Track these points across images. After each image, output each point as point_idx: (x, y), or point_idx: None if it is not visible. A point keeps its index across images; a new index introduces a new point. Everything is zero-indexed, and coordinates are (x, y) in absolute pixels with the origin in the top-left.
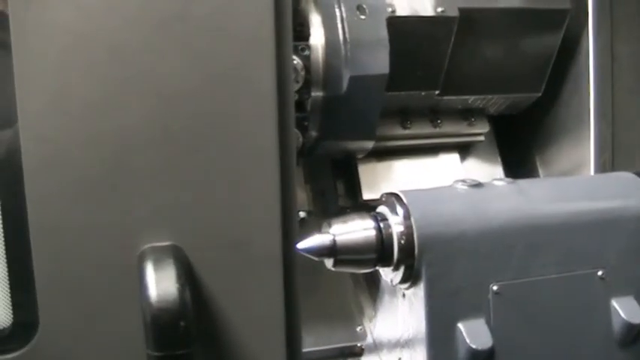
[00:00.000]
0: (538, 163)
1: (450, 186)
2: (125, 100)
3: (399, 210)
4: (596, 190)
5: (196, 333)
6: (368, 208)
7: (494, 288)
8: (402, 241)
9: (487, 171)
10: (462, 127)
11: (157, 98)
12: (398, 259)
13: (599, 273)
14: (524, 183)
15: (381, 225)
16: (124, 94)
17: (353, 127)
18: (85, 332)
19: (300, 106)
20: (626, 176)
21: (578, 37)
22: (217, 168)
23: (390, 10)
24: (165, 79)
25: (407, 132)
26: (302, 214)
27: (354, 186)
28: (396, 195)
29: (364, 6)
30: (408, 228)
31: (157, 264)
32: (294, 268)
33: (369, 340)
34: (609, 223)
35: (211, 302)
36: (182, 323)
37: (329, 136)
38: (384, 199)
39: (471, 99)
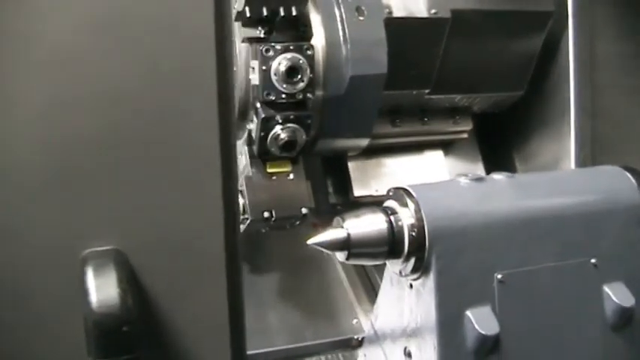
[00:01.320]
0: (516, 160)
1: (453, 180)
2: (68, 102)
3: (410, 204)
4: (588, 183)
5: (140, 337)
6: (359, 204)
7: (499, 277)
8: (413, 234)
9: (468, 167)
10: (448, 125)
11: (100, 101)
12: (408, 252)
13: (593, 261)
14: (521, 177)
15: (392, 219)
16: (66, 97)
17: (351, 125)
18: (25, 340)
19: (303, 105)
20: (614, 170)
21: (560, 37)
22: (159, 171)
23: (387, 11)
24: (107, 82)
25: (396, 130)
26: (304, 210)
27: (344, 183)
28: (404, 189)
29: (363, 8)
30: (419, 221)
31: (98, 269)
32: (238, 270)
33: (370, 331)
34: (601, 215)
35: (155, 305)
36: (125, 328)
37: (327, 135)
38: (391, 193)
39: (457, 98)
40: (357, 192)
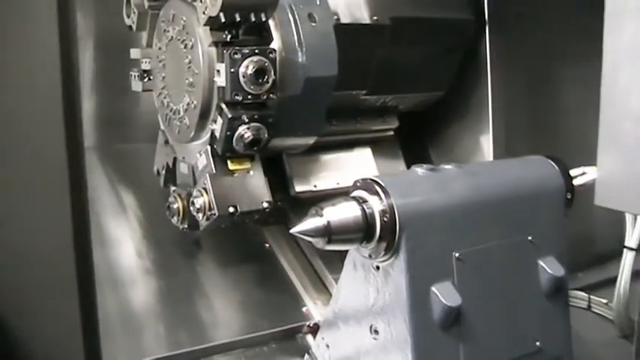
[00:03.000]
0: (432, 154)
1: (411, 170)
2: None
3: (380, 192)
4: (521, 171)
5: None
6: (300, 200)
7: (457, 255)
8: (385, 220)
9: (392, 162)
10: (377, 124)
11: None
12: (380, 236)
13: (530, 238)
14: (467, 167)
15: (364, 206)
16: None
17: (303, 124)
18: None
19: (265, 105)
20: (539, 159)
21: (479, 42)
22: (3, 184)
23: (335, 17)
24: None
25: (333, 129)
26: (265, 204)
27: (282, 179)
28: (372, 180)
29: (314, 14)
30: (390, 207)
31: None
32: (91, 280)
33: (330, 315)
34: (534, 198)
35: (5, 324)
36: None
37: (281, 133)
38: (359, 184)
39: (389, 98)
40: (298, 188)
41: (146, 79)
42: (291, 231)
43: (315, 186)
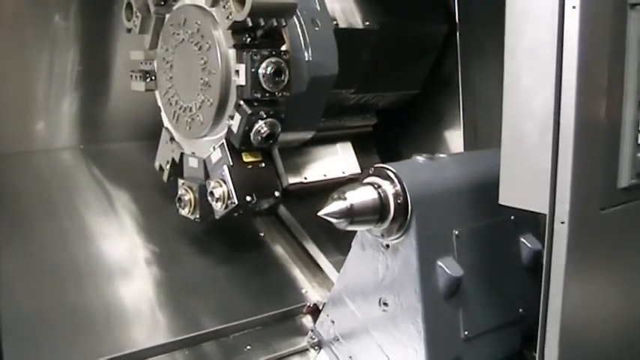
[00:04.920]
0: (402, 148)
1: (413, 159)
2: None
3: (394, 178)
4: (499, 159)
5: None
6: (290, 191)
7: (456, 232)
8: (399, 201)
9: (368, 155)
10: (358, 120)
11: None
12: (393, 217)
13: (512, 218)
14: (457, 156)
15: (379, 191)
16: None
17: (305, 119)
18: None
19: (278, 102)
20: None
21: (450, 43)
22: None
23: (334, 22)
24: None
25: (320, 125)
26: (277, 193)
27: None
28: (384, 167)
29: (317, 20)
30: (403, 191)
31: None
32: None
33: (335, 294)
34: None
35: None
36: None
37: (286, 128)
38: (371, 171)
39: (371, 96)
40: (292, 179)
41: (148, 80)
42: (319, 214)
43: (305, 178)
